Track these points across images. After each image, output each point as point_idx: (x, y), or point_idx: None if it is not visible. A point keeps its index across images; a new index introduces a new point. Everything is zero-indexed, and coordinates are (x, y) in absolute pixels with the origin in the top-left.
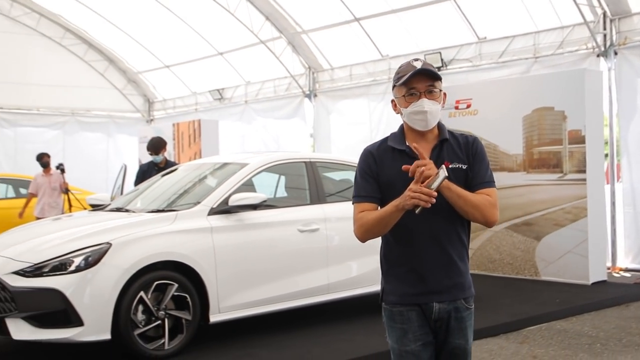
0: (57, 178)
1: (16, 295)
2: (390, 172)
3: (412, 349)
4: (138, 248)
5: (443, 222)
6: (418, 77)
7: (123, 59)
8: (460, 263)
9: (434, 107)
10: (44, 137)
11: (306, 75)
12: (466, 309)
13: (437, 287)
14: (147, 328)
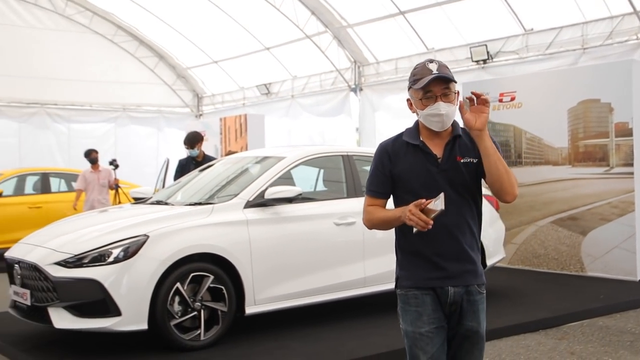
0: (106, 175)
1: (57, 285)
2: (404, 166)
3: (426, 331)
4: (174, 240)
5: (455, 213)
6: (435, 82)
7: (173, 55)
8: (472, 252)
9: (449, 109)
10: (96, 132)
11: (352, 69)
12: (478, 293)
13: (451, 273)
14: (183, 319)
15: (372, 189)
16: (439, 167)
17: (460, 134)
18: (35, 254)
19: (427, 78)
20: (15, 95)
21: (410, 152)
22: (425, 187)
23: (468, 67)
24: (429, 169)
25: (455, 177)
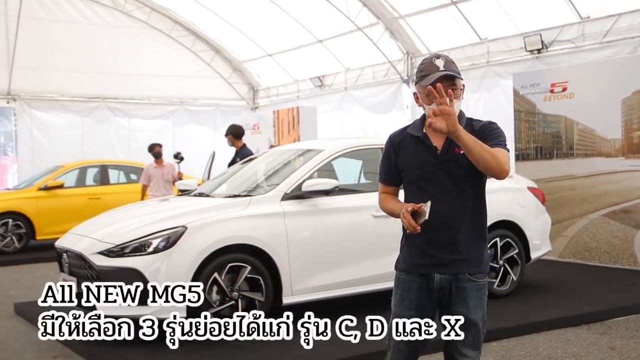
0: (170, 169)
1: (101, 274)
2: (406, 157)
3: (406, 315)
4: (212, 231)
5: (451, 204)
6: (441, 79)
7: (228, 49)
8: (467, 242)
9: (454, 105)
10: (155, 126)
11: (404, 60)
12: (469, 281)
13: (439, 261)
14: (221, 308)
15: (382, 177)
16: (438, 158)
17: (463, 126)
18: (81, 244)
19: (434, 76)
20: (78, 90)
21: (413, 143)
22: (423, 178)
23: (522, 58)
24: (428, 160)
25: (454, 168)
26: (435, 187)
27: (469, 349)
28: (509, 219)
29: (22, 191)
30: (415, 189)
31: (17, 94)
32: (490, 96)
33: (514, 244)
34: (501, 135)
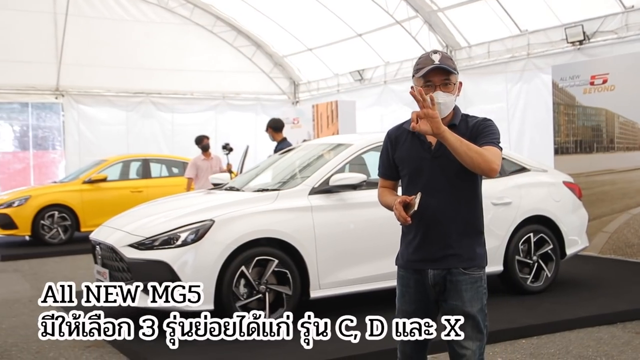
0: (218, 162)
1: (131, 266)
2: (401, 152)
3: (407, 309)
4: (239, 225)
5: (443, 199)
6: (435, 72)
7: (269, 44)
8: (460, 237)
9: (447, 98)
10: (197, 120)
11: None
12: (462, 274)
13: (431, 256)
14: (248, 301)
15: (380, 172)
16: (432, 154)
17: (457, 123)
18: (112, 237)
19: (428, 67)
20: (123, 85)
21: (409, 139)
22: (417, 173)
23: (563, 49)
24: (422, 156)
25: (447, 164)
26: (428, 181)
27: (468, 342)
28: (543, 214)
29: (68, 184)
30: (410, 182)
31: (65, 89)
32: (531, 89)
33: (549, 239)
34: (494, 133)
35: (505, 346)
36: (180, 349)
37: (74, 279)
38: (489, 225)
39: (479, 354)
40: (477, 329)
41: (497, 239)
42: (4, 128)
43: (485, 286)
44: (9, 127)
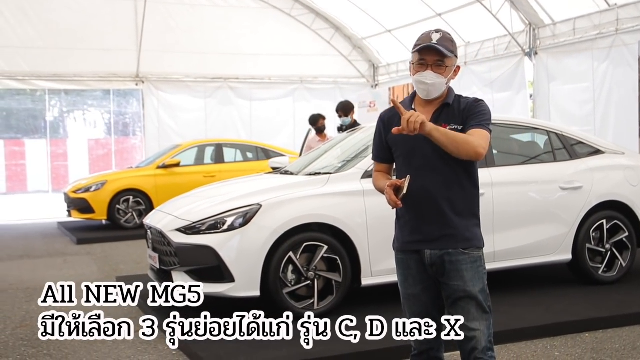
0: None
1: (178, 251)
2: (394, 134)
3: (413, 292)
4: (287, 210)
5: (437, 179)
6: (429, 51)
7: (348, 26)
8: (456, 217)
9: (437, 80)
10: (275, 105)
11: (526, 32)
12: (462, 254)
13: (428, 236)
14: (296, 287)
15: (374, 155)
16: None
17: (450, 102)
18: (162, 221)
19: (422, 45)
20: (201, 71)
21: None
22: (411, 154)
23: None
24: (415, 136)
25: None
26: (422, 161)
27: (475, 322)
28: (618, 199)
29: (142, 169)
30: (404, 164)
31: (145, 76)
32: (618, 67)
33: (624, 226)
34: (484, 115)
35: (566, 340)
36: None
37: (141, 262)
38: (556, 211)
39: (488, 334)
40: (482, 308)
41: (565, 225)
42: (87, 116)
43: (485, 266)
44: (92, 114)
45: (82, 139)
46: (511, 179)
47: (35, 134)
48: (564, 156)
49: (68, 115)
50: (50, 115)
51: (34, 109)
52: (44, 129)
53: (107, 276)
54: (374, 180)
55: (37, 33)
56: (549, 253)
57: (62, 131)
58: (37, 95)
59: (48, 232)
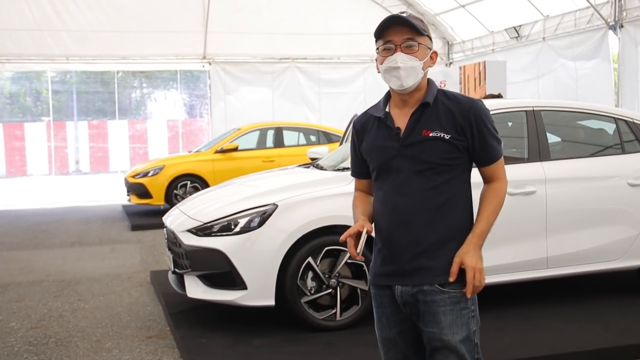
0: None
1: (188, 254)
2: (368, 142)
3: (387, 335)
4: (306, 210)
5: (414, 198)
6: (394, 29)
7: (420, 2)
8: (435, 246)
9: (410, 62)
10: (345, 85)
11: (610, 3)
12: (439, 292)
13: (401, 269)
14: (316, 296)
15: (352, 169)
16: (400, 142)
17: (430, 101)
18: (176, 221)
19: (384, 21)
20: (269, 51)
21: (375, 126)
22: (385, 167)
23: None
24: (389, 145)
25: (419, 154)
26: (395, 176)
27: None
28: None
29: (200, 154)
30: (378, 179)
31: (212, 57)
32: None
33: None
34: (493, 134)
35: None
36: (230, 351)
37: None
38: (622, 211)
39: None
40: None
41: (634, 226)
42: (156, 96)
43: (475, 308)
44: (156, 98)
45: (161, 120)
46: (569, 174)
47: (106, 116)
48: (635, 148)
49: (148, 96)
50: (126, 97)
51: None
52: (114, 111)
53: (146, 269)
54: (353, 202)
55: (105, 16)
56: (614, 259)
57: (142, 112)
58: (106, 77)
59: (111, 215)
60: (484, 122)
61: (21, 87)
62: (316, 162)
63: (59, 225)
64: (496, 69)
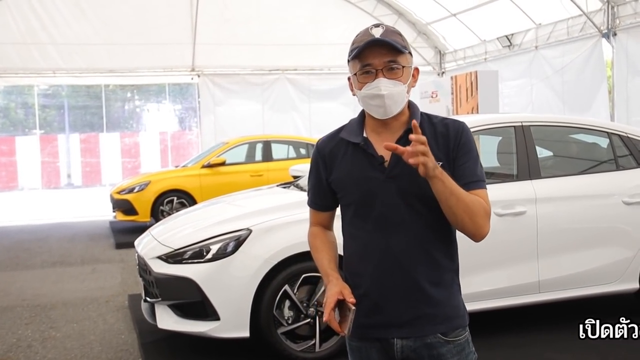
0: None
1: (158, 282)
2: (341, 172)
3: None
4: (282, 235)
5: (407, 237)
6: (373, 50)
7: (411, 11)
8: (434, 289)
9: (395, 89)
10: (335, 97)
11: (603, 10)
12: (445, 344)
13: (397, 319)
14: (294, 326)
15: (310, 200)
16: (386, 172)
17: (417, 122)
18: (147, 246)
19: (364, 43)
20: (258, 62)
21: (350, 153)
22: (366, 202)
23: None
24: (372, 176)
25: (410, 186)
26: (383, 212)
27: None
28: None
29: (187, 169)
30: (357, 215)
31: (201, 69)
32: None
33: None
34: (478, 162)
35: None
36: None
37: None
38: (618, 231)
39: None
40: None
41: (632, 248)
42: (147, 109)
43: (474, 350)
44: (148, 109)
45: (153, 132)
46: (560, 192)
47: (97, 129)
48: (630, 163)
49: (139, 109)
50: (117, 110)
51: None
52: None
53: (125, 291)
54: (310, 240)
55: (92, 29)
56: (610, 282)
57: (134, 125)
58: (96, 90)
59: (97, 232)
60: (472, 145)
61: (11, 101)
62: (296, 181)
63: (42, 243)
64: (488, 78)
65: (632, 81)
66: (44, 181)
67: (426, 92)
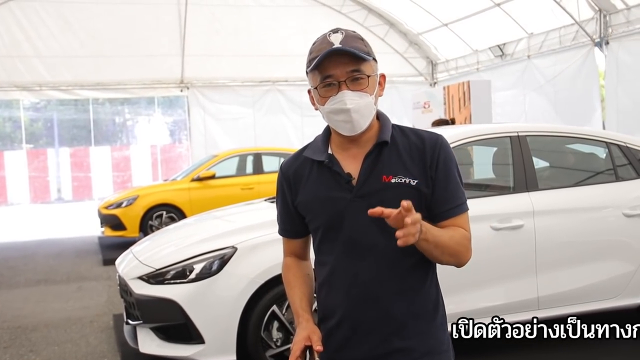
0: None
1: (139, 304)
2: (306, 194)
3: None
4: (268, 253)
5: (378, 263)
6: (334, 60)
7: (402, 22)
8: (411, 320)
9: (361, 101)
10: None
11: (595, 19)
12: None
13: (368, 353)
14: (283, 348)
15: (280, 227)
16: (354, 192)
17: (387, 139)
18: (128, 266)
19: (322, 54)
20: (248, 74)
21: (315, 172)
22: (334, 224)
23: None
24: (339, 197)
25: (380, 205)
26: (352, 236)
27: None
28: None
29: (176, 182)
30: (324, 240)
31: (190, 82)
32: None
33: None
34: (458, 180)
35: None
36: None
37: None
38: (619, 243)
39: None
40: None
41: (632, 261)
42: (133, 124)
43: None
44: (137, 122)
45: (144, 146)
46: (559, 205)
47: (87, 143)
48: (629, 174)
49: (130, 122)
50: (106, 124)
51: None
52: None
53: (110, 310)
54: (283, 273)
55: (79, 42)
56: (611, 297)
57: (124, 138)
58: (84, 103)
59: (84, 248)
60: (452, 163)
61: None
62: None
63: (28, 260)
64: (481, 88)
65: (624, 90)
66: (32, 196)
67: (418, 102)
